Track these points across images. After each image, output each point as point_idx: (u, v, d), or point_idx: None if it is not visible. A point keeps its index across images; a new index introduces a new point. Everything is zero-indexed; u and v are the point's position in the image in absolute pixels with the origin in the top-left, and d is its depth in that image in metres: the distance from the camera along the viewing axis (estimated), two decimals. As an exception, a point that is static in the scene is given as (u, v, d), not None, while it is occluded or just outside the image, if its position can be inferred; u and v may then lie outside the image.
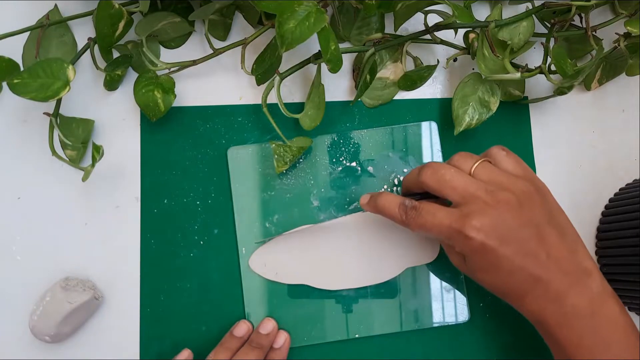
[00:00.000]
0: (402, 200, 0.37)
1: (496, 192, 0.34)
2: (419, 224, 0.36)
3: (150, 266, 0.43)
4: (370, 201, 0.39)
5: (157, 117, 0.42)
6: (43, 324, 0.39)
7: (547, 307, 0.34)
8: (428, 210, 0.35)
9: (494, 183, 0.35)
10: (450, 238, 0.34)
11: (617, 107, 0.48)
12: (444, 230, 0.34)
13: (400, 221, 0.37)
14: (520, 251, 0.33)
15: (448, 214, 0.34)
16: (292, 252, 0.43)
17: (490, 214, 0.33)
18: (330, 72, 0.38)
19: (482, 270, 0.35)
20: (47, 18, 0.42)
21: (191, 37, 0.45)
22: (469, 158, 0.37)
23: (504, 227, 0.33)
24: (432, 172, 0.36)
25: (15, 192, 0.43)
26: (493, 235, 0.33)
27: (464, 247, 0.34)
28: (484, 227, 0.33)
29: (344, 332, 0.43)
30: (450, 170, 0.35)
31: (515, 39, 0.42)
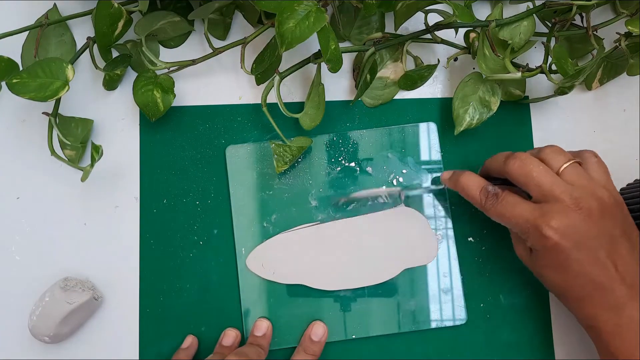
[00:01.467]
0: (485, 184, 0.38)
1: (580, 198, 0.34)
2: (497, 212, 0.36)
3: (149, 266, 0.42)
4: (452, 177, 0.40)
5: (157, 116, 0.41)
6: (42, 324, 0.39)
7: (604, 315, 0.34)
8: (509, 201, 0.36)
9: (580, 188, 0.35)
10: (525, 232, 0.35)
11: (618, 107, 0.48)
12: (521, 223, 0.35)
13: (479, 205, 0.38)
14: (591, 258, 0.34)
15: (528, 209, 0.35)
16: (290, 252, 0.43)
17: (570, 217, 0.34)
18: (330, 71, 0.38)
19: (548, 268, 0.36)
20: (46, 17, 0.42)
21: (190, 36, 0.45)
22: (560, 155, 0.37)
23: (580, 233, 0.34)
24: (520, 164, 0.36)
25: (14, 192, 0.43)
26: (568, 238, 0.34)
27: (537, 243, 0.35)
28: (561, 229, 0.34)
29: (342, 332, 0.42)
30: (539, 166, 0.36)
31: (516, 38, 0.42)
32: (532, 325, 0.44)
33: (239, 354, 0.38)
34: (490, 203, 0.37)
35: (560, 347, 0.44)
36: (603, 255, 0.34)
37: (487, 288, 0.44)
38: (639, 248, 0.36)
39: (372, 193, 0.43)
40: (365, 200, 0.44)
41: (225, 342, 0.41)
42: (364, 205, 0.44)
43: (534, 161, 0.36)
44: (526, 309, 0.44)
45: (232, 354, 0.38)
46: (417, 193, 0.44)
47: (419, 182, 0.44)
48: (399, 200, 0.44)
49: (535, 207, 0.35)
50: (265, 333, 0.41)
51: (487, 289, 0.44)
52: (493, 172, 0.39)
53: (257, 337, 0.41)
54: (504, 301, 0.44)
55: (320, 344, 0.41)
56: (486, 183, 0.38)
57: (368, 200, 0.44)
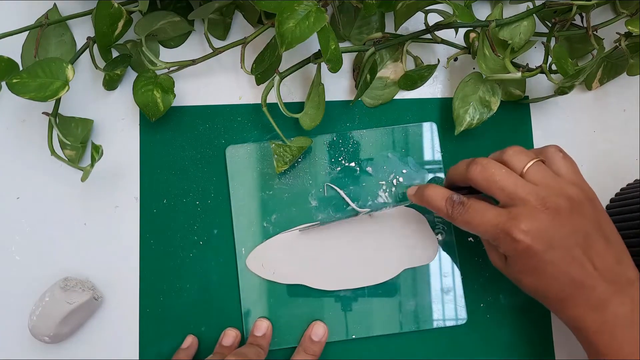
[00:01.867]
0: (450, 194, 0.37)
1: (546, 197, 0.33)
2: (465, 220, 0.35)
3: (149, 266, 0.42)
4: (417, 192, 0.39)
5: (157, 116, 0.41)
6: (42, 324, 0.39)
7: (588, 314, 0.34)
8: (476, 208, 0.35)
9: (545, 187, 0.34)
10: (495, 238, 0.34)
11: (618, 107, 0.48)
12: (490, 230, 0.34)
13: (446, 215, 0.37)
14: (566, 257, 0.33)
15: (496, 214, 0.34)
16: (290, 252, 0.43)
17: (539, 219, 0.33)
18: (330, 71, 0.38)
19: (524, 273, 0.35)
20: (46, 17, 0.42)
21: (190, 36, 0.45)
22: (523, 155, 0.36)
23: (552, 233, 0.33)
24: (481, 169, 0.35)
25: (14, 192, 0.43)
26: (540, 240, 0.33)
27: (508, 249, 0.34)
28: (531, 231, 0.33)
29: (342, 332, 0.42)
30: (501, 170, 0.35)
31: (516, 38, 0.42)
32: (532, 325, 0.44)
33: (238, 354, 0.38)
34: (457, 212, 0.36)
35: (560, 347, 0.44)
36: (579, 253, 0.33)
37: (487, 288, 0.44)
38: (616, 242, 0.35)
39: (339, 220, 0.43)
40: (365, 199, 0.44)
41: (225, 342, 0.41)
42: (364, 206, 0.44)
43: (495, 165, 0.35)
44: (526, 309, 0.44)
45: (232, 354, 0.38)
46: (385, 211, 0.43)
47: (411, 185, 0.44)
48: (399, 200, 0.44)
49: (502, 211, 0.34)
50: (265, 333, 0.41)
51: (487, 289, 0.44)
52: (457, 181, 0.38)
53: (256, 337, 0.41)
54: (504, 301, 0.44)
55: (321, 344, 0.41)
56: (451, 193, 0.37)
57: (368, 199, 0.44)
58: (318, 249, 0.43)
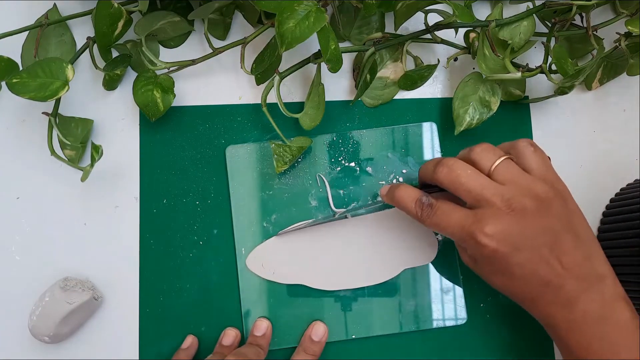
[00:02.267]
0: (419, 195, 0.36)
1: (513, 199, 0.33)
2: (433, 222, 0.35)
3: (149, 266, 0.42)
4: (388, 192, 0.39)
5: (157, 116, 0.41)
6: (42, 324, 0.39)
7: (558, 312, 0.34)
8: (444, 210, 0.35)
9: (512, 186, 0.34)
10: (462, 241, 0.34)
11: (618, 107, 0.48)
12: (457, 232, 0.34)
13: (415, 217, 0.36)
14: (533, 258, 0.33)
15: (462, 217, 0.34)
16: (290, 252, 0.43)
17: (504, 221, 0.33)
18: (330, 71, 0.38)
19: (493, 274, 0.35)
20: (46, 17, 0.42)
21: (190, 36, 0.45)
22: (490, 153, 0.35)
23: (517, 235, 0.33)
24: (448, 171, 0.35)
25: (14, 192, 0.43)
26: (505, 243, 0.33)
27: (475, 251, 0.34)
28: (496, 234, 0.33)
29: (342, 332, 0.42)
30: (467, 170, 0.34)
31: (516, 38, 0.42)
32: (532, 325, 0.44)
33: (237, 354, 0.38)
34: (425, 214, 0.36)
35: (560, 347, 0.44)
36: (546, 252, 0.33)
37: (487, 288, 0.43)
38: (587, 238, 0.35)
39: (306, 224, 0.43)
40: (365, 199, 0.44)
41: (225, 342, 0.41)
42: (363, 206, 0.44)
43: (461, 166, 0.35)
44: (526, 309, 0.44)
45: (231, 354, 0.38)
46: (361, 212, 0.43)
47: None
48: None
49: (469, 213, 0.34)
50: (265, 333, 0.41)
51: (487, 289, 0.44)
52: (426, 180, 0.37)
53: (256, 337, 0.41)
54: (504, 301, 0.44)
55: (321, 344, 0.41)
56: (421, 194, 0.36)
57: (368, 199, 0.44)
58: (318, 249, 0.43)
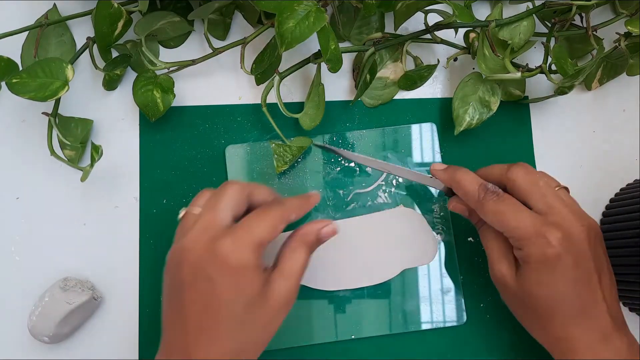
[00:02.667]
0: (484, 181, 0.36)
1: (581, 219, 0.34)
2: (497, 209, 0.35)
3: (149, 266, 0.42)
4: (447, 170, 0.38)
5: (156, 117, 0.41)
6: (42, 324, 0.39)
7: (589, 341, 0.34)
8: (512, 202, 0.35)
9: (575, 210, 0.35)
10: (524, 239, 0.34)
11: (617, 107, 0.48)
12: (523, 227, 0.34)
13: (476, 199, 0.36)
14: (584, 279, 0.34)
15: (532, 216, 0.34)
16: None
17: (574, 235, 0.33)
18: (330, 71, 0.38)
19: (538, 284, 0.34)
20: (45, 17, 0.42)
21: (190, 36, 0.45)
22: (552, 178, 0.36)
23: (580, 251, 0.33)
24: (526, 172, 0.35)
25: (13, 192, 0.43)
26: (570, 254, 0.33)
27: (537, 252, 0.33)
28: (565, 242, 0.33)
29: (341, 333, 0.42)
30: (544, 177, 0.36)
31: (516, 38, 0.42)
32: (532, 326, 0.44)
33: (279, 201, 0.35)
34: (489, 198, 0.35)
35: (560, 347, 0.44)
36: (595, 280, 0.34)
37: (487, 288, 0.44)
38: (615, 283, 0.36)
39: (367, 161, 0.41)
40: (365, 200, 0.44)
41: None
42: (363, 206, 0.44)
43: (538, 172, 0.36)
44: (526, 309, 0.44)
45: None
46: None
47: None
48: (398, 201, 0.44)
49: (538, 216, 0.34)
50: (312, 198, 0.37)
51: (487, 289, 0.44)
52: (490, 178, 0.38)
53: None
54: (503, 302, 0.44)
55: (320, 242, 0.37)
56: (485, 182, 0.36)
57: (368, 200, 0.44)
58: (317, 250, 0.43)
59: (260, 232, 0.32)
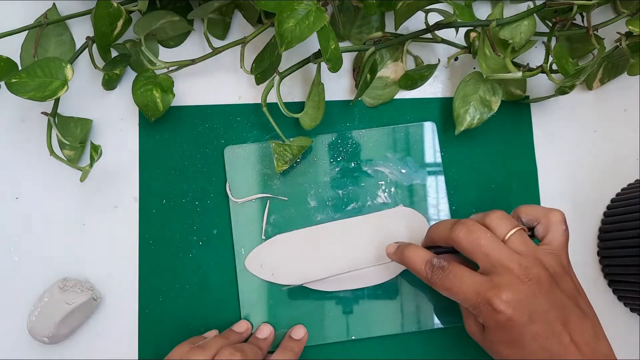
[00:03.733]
0: (429, 257, 0.36)
1: (530, 268, 0.33)
2: (444, 286, 0.35)
3: (148, 267, 0.42)
4: (396, 251, 0.38)
5: (156, 116, 0.41)
6: (41, 324, 0.39)
7: None
8: (456, 274, 0.34)
9: (527, 257, 0.34)
10: (475, 307, 0.33)
11: (618, 107, 0.48)
12: (471, 297, 0.33)
13: (425, 279, 0.36)
14: (546, 331, 0.32)
15: (477, 282, 0.33)
16: (289, 252, 0.43)
17: (521, 290, 0.32)
18: (330, 71, 0.38)
19: (503, 344, 0.34)
20: (45, 17, 0.42)
21: (190, 36, 0.45)
22: (506, 221, 0.35)
23: (533, 305, 0.32)
24: (467, 232, 0.35)
25: (13, 192, 0.43)
26: (522, 312, 0.32)
27: (489, 318, 0.33)
28: (513, 302, 0.32)
29: (342, 333, 0.42)
30: (486, 234, 0.34)
31: (517, 38, 0.42)
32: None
33: (237, 348, 0.37)
34: (436, 276, 0.35)
35: (561, 347, 0.44)
36: (558, 327, 0.32)
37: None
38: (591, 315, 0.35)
39: None
40: (365, 200, 0.44)
41: (237, 329, 0.41)
42: (363, 206, 0.44)
43: (480, 229, 0.35)
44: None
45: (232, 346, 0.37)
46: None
47: (418, 182, 0.44)
48: (398, 201, 0.44)
49: (484, 279, 0.33)
50: (267, 337, 0.41)
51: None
52: (438, 240, 0.37)
53: (258, 339, 0.41)
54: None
55: (300, 343, 0.41)
56: (431, 256, 0.36)
57: (367, 200, 0.44)
58: (317, 250, 0.43)
59: None
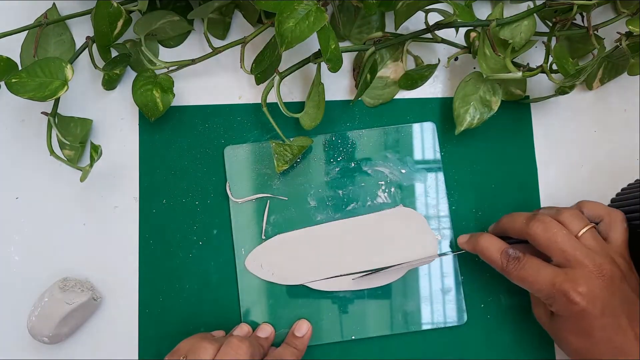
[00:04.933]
0: (505, 247, 0.38)
1: (603, 264, 0.35)
2: (520, 276, 0.36)
3: (149, 267, 0.42)
4: (469, 240, 0.40)
5: (156, 116, 0.41)
6: (41, 324, 0.39)
7: None
8: (532, 265, 0.36)
9: (600, 254, 0.36)
10: (550, 297, 0.35)
11: (618, 107, 0.48)
12: (546, 288, 0.35)
13: (500, 268, 0.38)
14: (614, 324, 0.34)
15: (553, 274, 0.35)
16: (289, 253, 0.43)
17: (595, 284, 0.34)
18: (330, 71, 0.38)
19: (573, 333, 0.36)
20: (45, 17, 0.42)
21: (190, 36, 0.45)
22: (579, 219, 0.37)
23: (605, 299, 0.34)
24: (544, 228, 0.36)
25: (13, 192, 0.43)
26: (595, 305, 0.34)
27: (563, 308, 0.35)
28: (588, 295, 0.34)
29: (342, 333, 0.42)
30: (562, 231, 0.36)
31: (517, 37, 0.42)
32: (532, 326, 0.44)
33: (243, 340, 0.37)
34: (512, 266, 0.37)
35: (561, 347, 0.44)
36: (625, 322, 0.34)
37: (487, 288, 0.44)
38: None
39: None
40: (365, 200, 0.44)
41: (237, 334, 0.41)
42: (363, 206, 0.44)
43: (556, 225, 0.36)
44: (526, 309, 0.44)
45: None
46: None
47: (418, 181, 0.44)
48: (398, 201, 0.44)
49: (559, 271, 0.35)
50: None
51: (487, 289, 0.44)
52: (511, 232, 0.39)
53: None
54: (504, 301, 0.44)
55: (304, 340, 0.41)
56: (506, 246, 0.38)
57: (368, 200, 0.44)
58: (317, 250, 0.43)
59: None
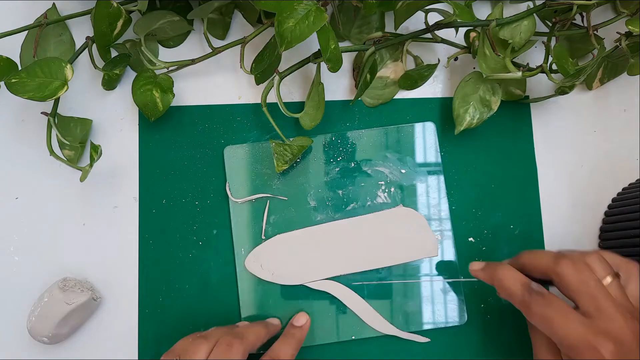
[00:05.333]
0: (527, 280, 0.35)
1: (632, 319, 0.32)
2: (545, 315, 0.33)
3: (148, 267, 0.42)
4: (485, 269, 0.37)
5: (156, 116, 0.41)
6: (41, 325, 0.39)
7: None
8: (558, 307, 0.33)
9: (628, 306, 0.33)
10: (574, 348, 0.32)
11: (618, 107, 0.48)
12: (574, 337, 0.32)
13: (520, 301, 0.34)
14: None
15: (582, 323, 0.32)
16: (289, 253, 0.43)
17: (625, 341, 0.32)
18: (330, 71, 0.38)
19: None
20: (45, 17, 0.42)
21: (190, 36, 0.45)
22: (605, 265, 0.34)
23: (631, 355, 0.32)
24: (575, 270, 0.33)
25: (13, 192, 0.43)
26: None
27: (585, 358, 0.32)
28: (618, 352, 0.31)
29: (342, 333, 0.42)
30: (593, 276, 0.33)
31: (517, 37, 0.42)
32: (533, 326, 0.44)
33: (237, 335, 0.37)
34: (535, 301, 0.33)
35: (561, 347, 0.44)
36: None
37: (487, 288, 0.44)
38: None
39: None
40: (365, 200, 0.44)
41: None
42: (363, 206, 0.44)
43: (587, 268, 0.33)
44: (526, 309, 0.44)
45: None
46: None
47: (418, 181, 0.44)
48: (398, 201, 0.44)
49: (587, 322, 0.32)
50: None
51: (487, 289, 0.44)
52: (533, 269, 0.36)
53: (267, 322, 0.41)
54: (504, 301, 0.44)
55: (302, 330, 0.41)
56: (528, 280, 0.35)
57: (367, 200, 0.44)
58: (317, 250, 0.43)
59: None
